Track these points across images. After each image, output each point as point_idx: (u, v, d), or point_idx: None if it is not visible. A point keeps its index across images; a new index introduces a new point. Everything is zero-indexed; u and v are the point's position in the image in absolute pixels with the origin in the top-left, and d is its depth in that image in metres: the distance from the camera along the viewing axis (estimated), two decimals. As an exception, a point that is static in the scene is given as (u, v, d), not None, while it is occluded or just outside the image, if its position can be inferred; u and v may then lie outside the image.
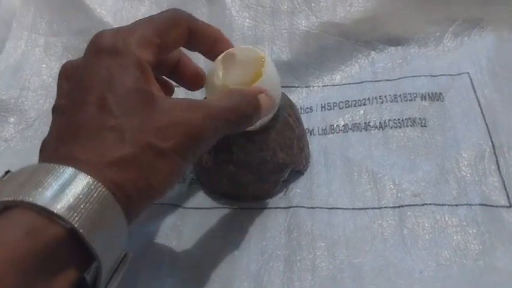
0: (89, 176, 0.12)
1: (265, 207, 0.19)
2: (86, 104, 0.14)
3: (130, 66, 0.14)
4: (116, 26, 0.25)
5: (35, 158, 0.21)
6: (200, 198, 0.20)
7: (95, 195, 0.12)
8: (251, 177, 0.19)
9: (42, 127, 0.23)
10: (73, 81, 0.15)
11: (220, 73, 0.17)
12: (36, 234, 0.11)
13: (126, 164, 0.13)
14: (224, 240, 0.18)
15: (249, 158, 0.19)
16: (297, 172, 0.20)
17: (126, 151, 0.13)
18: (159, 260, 0.18)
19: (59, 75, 0.16)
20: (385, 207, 0.19)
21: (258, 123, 0.18)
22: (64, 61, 0.24)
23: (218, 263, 0.18)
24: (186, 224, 0.19)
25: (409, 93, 0.22)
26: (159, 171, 0.14)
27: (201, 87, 0.19)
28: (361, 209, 0.19)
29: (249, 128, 0.18)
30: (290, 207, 0.19)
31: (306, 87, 0.24)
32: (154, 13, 0.25)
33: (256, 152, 0.19)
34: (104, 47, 0.14)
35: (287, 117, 0.19)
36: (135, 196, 0.13)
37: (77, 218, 0.12)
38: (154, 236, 0.19)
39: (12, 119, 0.23)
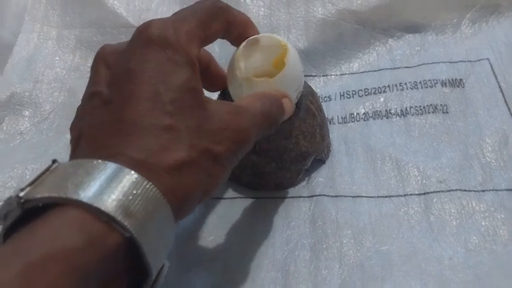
0: (147, 180, 0.11)
1: (288, 197, 0.19)
2: (137, 97, 0.13)
3: (183, 62, 0.13)
4: (129, 17, 0.25)
5: (50, 152, 0.21)
6: (223, 189, 0.20)
7: (151, 201, 0.11)
8: (274, 166, 0.19)
9: (58, 120, 0.22)
10: (116, 69, 0.14)
11: (242, 65, 0.17)
12: (96, 243, 0.11)
13: (185, 168, 0.12)
14: (249, 229, 0.18)
15: (272, 146, 0.18)
16: (319, 161, 0.20)
17: (185, 154, 0.12)
18: (185, 251, 0.18)
19: (96, 59, 0.15)
20: (410, 194, 0.19)
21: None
22: (77, 53, 0.24)
23: (244, 252, 0.17)
24: (210, 214, 0.19)
25: (429, 80, 0.22)
26: (214, 177, 0.13)
27: (221, 89, 0.19)
28: (386, 196, 0.19)
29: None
30: (313, 196, 0.19)
31: (323, 76, 0.23)
32: (167, 4, 0.25)
33: (279, 140, 0.18)
34: (154, 38, 0.13)
35: (309, 105, 0.19)
36: (186, 202, 0.12)
37: (133, 226, 0.11)
38: (178, 227, 0.18)
39: (27, 112, 0.22)
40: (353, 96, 0.22)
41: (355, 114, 0.22)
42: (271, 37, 0.18)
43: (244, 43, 0.17)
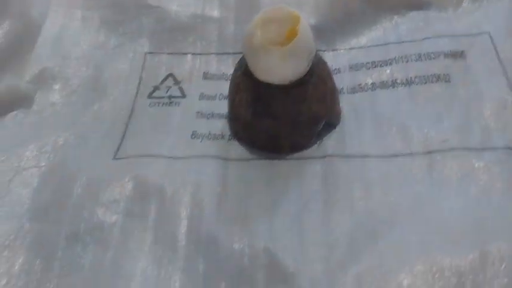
0: None
1: (302, 158, 0.21)
2: None
3: None
4: (149, -1, 0.26)
5: (79, 121, 0.23)
6: (239, 152, 0.21)
7: None
8: (288, 129, 0.20)
9: (85, 93, 0.24)
10: None
11: (258, 33, 0.19)
12: None
13: None
14: (266, 187, 0.20)
15: (286, 110, 0.20)
16: (330, 126, 0.21)
17: None
18: (205, 205, 0.19)
19: None
20: (415, 153, 0.20)
21: (294, 77, 0.20)
22: (101, 32, 0.26)
23: (260, 205, 0.19)
24: (228, 174, 0.20)
25: (433, 52, 0.23)
26: None
27: None
28: (393, 156, 0.20)
29: (285, 82, 0.19)
30: (325, 156, 0.20)
31: (333, 50, 0.25)
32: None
33: (293, 104, 0.20)
34: None
35: (321, 72, 0.20)
36: None
37: None
38: (201, 184, 0.20)
39: (57, 86, 0.24)
40: (361, 69, 0.24)
41: (363, 84, 0.23)
42: (285, 8, 0.19)
43: (260, 14, 0.19)
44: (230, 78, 0.24)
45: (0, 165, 0.21)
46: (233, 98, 0.21)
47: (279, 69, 0.19)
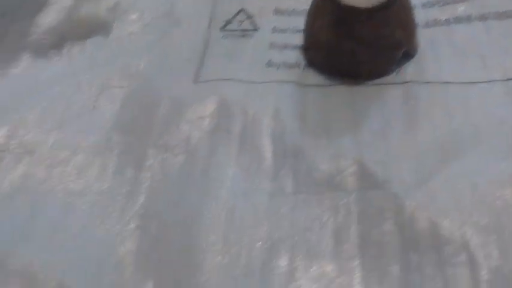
0: None
1: (382, 83, 0.21)
2: None
3: None
4: None
5: (156, 50, 0.23)
6: (317, 78, 0.22)
7: None
8: (370, 53, 0.21)
9: (161, 24, 0.25)
10: None
11: None
12: None
13: None
14: (346, 108, 0.20)
15: (370, 33, 0.20)
16: (408, 56, 0.22)
17: None
18: (287, 124, 0.20)
19: None
20: (494, 80, 0.20)
21: (378, 1, 0.20)
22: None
23: (344, 123, 0.20)
24: (307, 98, 0.21)
25: (507, -10, 0.24)
26: None
27: None
28: (473, 82, 0.20)
29: (369, 5, 0.20)
30: (405, 82, 0.21)
31: (404, -12, 0.25)
32: None
33: (376, 28, 0.20)
34: None
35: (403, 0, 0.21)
36: None
37: None
38: (281, 106, 0.20)
39: (133, 16, 0.25)
40: (434, 6, 0.24)
41: (438, 19, 0.23)
42: None
43: None
44: (301, 13, 0.25)
45: (86, 82, 0.22)
46: (312, 23, 0.21)
47: (367, -10, 0.19)
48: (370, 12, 0.20)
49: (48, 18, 0.23)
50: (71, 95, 0.21)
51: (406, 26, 0.21)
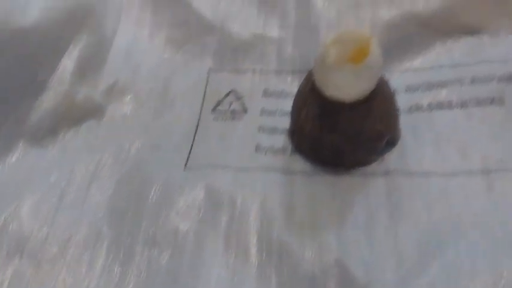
0: None
1: (365, 174, 0.22)
2: None
3: None
4: (213, 19, 0.28)
5: (150, 131, 0.24)
6: (303, 166, 0.22)
7: None
8: (353, 145, 0.21)
9: (154, 106, 0.25)
10: None
11: (331, 52, 0.20)
12: None
13: None
14: (331, 199, 0.21)
15: (352, 126, 0.21)
16: (391, 144, 0.22)
17: None
18: (275, 215, 0.20)
19: None
20: (474, 171, 0.21)
21: (362, 95, 0.21)
22: (167, 49, 0.28)
23: (329, 217, 0.20)
24: (294, 187, 0.21)
25: (486, 76, 0.24)
26: None
27: None
28: (453, 174, 0.21)
29: (353, 99, 0.21)
30: (387, 172, 0.21)
31: (388, 71, 0.26)
32: (246, 9, 0.28)
33: (358, 121, 0.21)
34: None
35: (385, 91, 0.22)
36: None
37: None
38: (268, 195, 0.21)
39: (128, 98, 0.26)
40: (417, 90, 0.25)
41: (419, 105, 0.24)
42: (358, 30, 0.21)
43: (334, 35, 0.20)
44: (289, 95, 0.26)
45: (78, 171, 0.22)
46: (299, 112, 0.22)
47: (350, 86, 0.20)
48: (352, 106, 0.21)
49: (45, 104, 0.24)
50: (64, 185, 0.22)
51: (388, 117, 0.22)
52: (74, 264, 0.19)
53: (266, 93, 0.26)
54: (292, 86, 0.26)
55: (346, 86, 0.20)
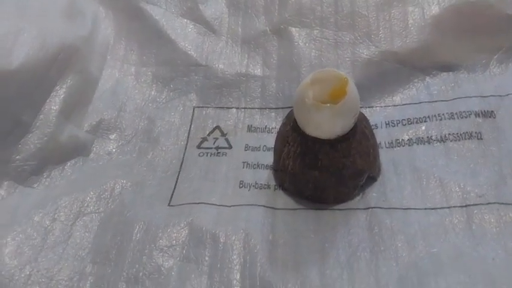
0: None
1: (346, 208, 0.22)
2: None
3: None
4: (197, 57, 0.28)
5: (135, 170, 0.25)
6: (286, 201, 0.23)
7: None
8: (334, 181, 0.22)
9: (140, 143, 0.26)
10: None
11: (310, 93, 0.21)
12: None
13: None
14: (314, 235, 0.21)
15: (333, 163, 0.21)
16: (371, 179, 0.23)
17: None
18: (258, 252, 0.20)
19: None
20: (453, 206, 0.21)
21: (341, 133, 0.21)
22: (154, 87, 0.28)
23: (312, 253, 0.20)
24: (276, 222, 0.22)
25: (464, 111, 0.25)
26: None
27: None
28: (433, 208, 0.21)
29: (332, 137, 0.21)
30: (368, 208, 0.22)
31: (369, 107, 0.27)
32: (230, 48, 0.29)
33: (339, 158, 0.21)
34: None
35: (364, 129, 0.22)
36: None
37: None
38: (251, 231, 0.21)
39: (113, 136, 0.26)
40: (397, 125, 0.25)
41: (400, 140, 0.25)
42: (334, 70, 0.21)
43: (310, 75, 0.21)
44: (273, 131, 0.26)
45: (63, 210, 0.22)
46: (281, 150, 0.23)
47: (328, 125, 0.21)
48: (332, 143, 0.21)
49: (30, 145, 0.24)
50: (48, 225, 0.22)
51: (368, 153, 0.22)
52: (56, 306, 0.19)
53: (250, 129, 0.27)
54: (276, 121, 0.27)
55: (325, 125, 0.21)
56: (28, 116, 0.24)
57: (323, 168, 0.22)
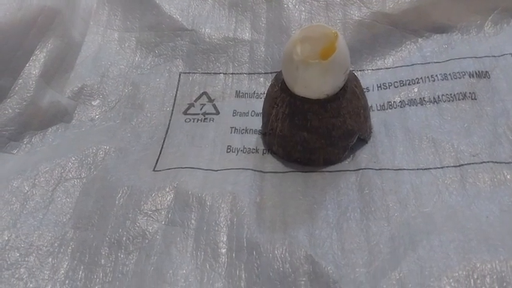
0: None
1: (336, 170, 0.21)
2: None
3: None
4: (183, 22, 0.27)
5: (118, 136, 0.24)
6: (274, 165, 0.22)
7: None
8: (323, 142, 0.21)
9: (123, 109, 0.25)
10: None
11: (298, 49, 0.20)
12: None
13: None
14: (303, 196, 0.20)
15: (322, 124, 0.21)
16: (362, 141, 0.22)
17: None
18: (245, 214, 0.20)
19: None
20: (447, 166, 0.21)
21: (331, 92, 0.20)
22: (138, 53, 0.27)
23: (300, 214, 0.20)
24: (265, 186, 0.21)
25: (458, 72, 0.24)
26: None
27: None
28: (425, 169, 0.21)
29: (322, 97, 0.20)
30: (359, 169, 0.21)
31: (360, 70, 0.26)
32: (217, 12, 0.28)
33: (328, 118, 0.21)
34: None
35: (354, 88, 0.21)
36: None
37: None
38: (239, 194, 0.20)
39: (96, 102, 0.25)
40: (389, 87, 0.25)
41: (392, 102, 0.24)
42: (323, 26, 0.20)
43: (299, 31, 0.20)
44: (261, 96, 0.25)
45: (43, 176, 0.22)
46: (269, 112, 0.22)
47: (317, 83, 0.20)
48: (322, 103, 0.21)
49: (8, 110, 0.23)
50: (27, 190, 0.21)
51: (358, 114, 0.21)
52: (37, 269, 0.18)
53: (238, 95, 0.26)
54: (265, 86, 0.26)
55: (314, 83, 0.20)
56: (6, 81, 0.23)
57: (312, 129, 0.21)
